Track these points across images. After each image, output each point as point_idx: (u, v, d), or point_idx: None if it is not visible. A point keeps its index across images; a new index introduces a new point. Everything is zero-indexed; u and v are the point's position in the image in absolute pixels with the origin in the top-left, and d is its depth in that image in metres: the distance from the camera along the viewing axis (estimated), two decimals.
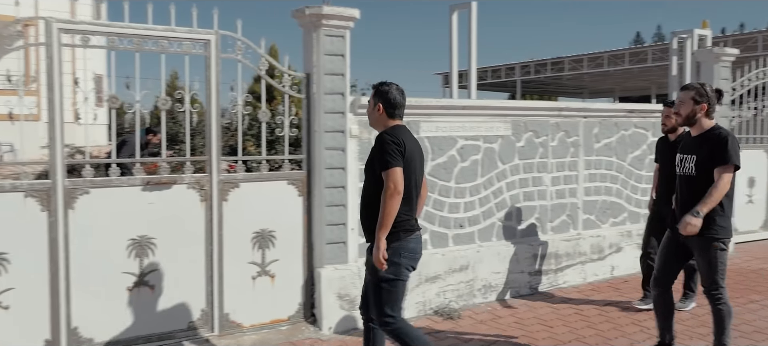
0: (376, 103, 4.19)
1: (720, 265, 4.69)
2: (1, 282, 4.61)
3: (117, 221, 4.97)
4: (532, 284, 7.04)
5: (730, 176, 4.59)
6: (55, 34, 4.72)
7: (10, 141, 7.42)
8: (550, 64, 33.20)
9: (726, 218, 4.67)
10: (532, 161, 7.08)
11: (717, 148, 4.61)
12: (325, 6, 5.63)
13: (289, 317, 5.73)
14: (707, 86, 4.78)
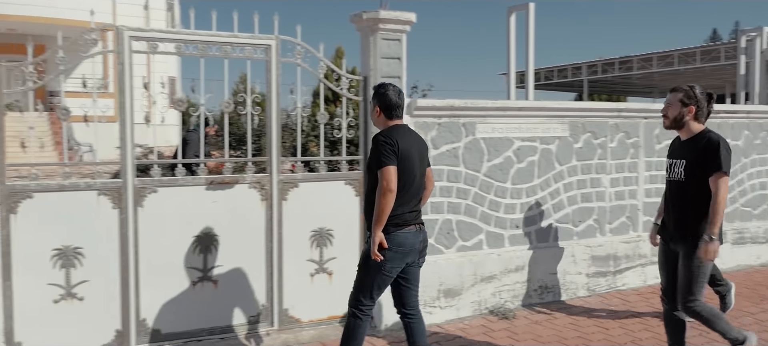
0: (374, 106, 4.45)
1: (701, 276, 4.54)
2: (76, 275, 4.91)
3: (183, 219, 5.22)
4: (590, 286, 7.01)
5: (726, 183, 4.44)
6: (126, 42, 4.99)
7: (89, 142, 7.80)
8: (617, 63, 32.59)
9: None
10: (591, 162, 7.05)
11: (708, 154, 4.46)
12: (382, 10, 5.76)
13: (345, 314, 5.87)
14: (697, 88, 4.62)
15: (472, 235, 6.37)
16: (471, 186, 6.33)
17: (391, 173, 4.11)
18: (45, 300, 4.83)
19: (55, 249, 4.83)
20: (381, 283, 4.38)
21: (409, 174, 4.26)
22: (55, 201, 4.82)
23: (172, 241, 5.20)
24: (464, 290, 6.24)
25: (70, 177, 4.95)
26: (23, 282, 4.75)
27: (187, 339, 5.29)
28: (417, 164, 4.34)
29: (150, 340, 5.17)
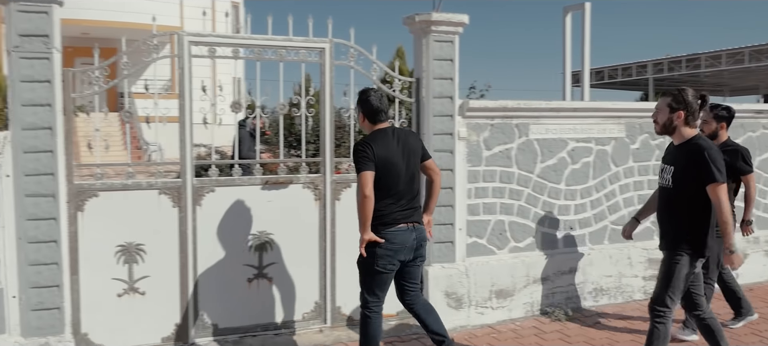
0: (359, 113, 4.70)
1: (676, 281, 4.38)
2: (138, 270, 5.13)
3: (239, 217, 5.38)
4: (647, 290, 6.88)
5: (724, 191, 4.24)
6: (185, 47, 5.18)
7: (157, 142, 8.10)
8: (684, 61, 31.68)
9: (705, 236, 4.37)
10: (648, 163, 6.93)
11: (698, 162, 4.27)
12: (435, 13, 5.81)
13: (397, 313, 5.95)
14: (688, 92, 4.41)
15: (525, 236, 6.36)
16: (524, 187, 6.32)
17: (365, 178, 4.35)
18: (109, 294, 5.06)
19: (118, 245, 5.06)
20: (379, 280, 4.60)
21: (392, 175, 4.47)
22: (118, 200, 5.05)
23: (228, 239, 5.37)
24: (516, 291, 6.23)
25: (133, 177, 5.16)
26: (89, 276, 4.99)
27: (242, 334, 5.46)
28: (401, 164, 4.53)
29: (207, 334, 5.36)
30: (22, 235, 4.68)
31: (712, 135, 5.58)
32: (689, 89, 4.46)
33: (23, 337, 4.73)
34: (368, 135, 4.60)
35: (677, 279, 4.38)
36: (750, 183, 5.54)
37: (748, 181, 5.53)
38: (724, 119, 5.65)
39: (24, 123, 4.64)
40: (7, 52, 4.68)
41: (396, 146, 4.53)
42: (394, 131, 4.64)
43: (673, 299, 4.41)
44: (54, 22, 4.69)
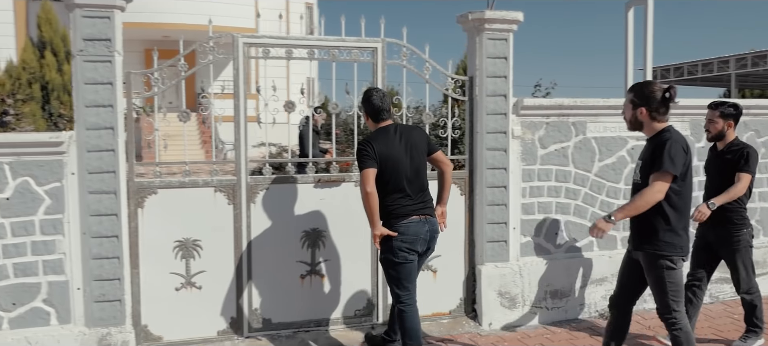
0: (364, 112, 4.88)
1: (669, 285, 4.23)
2: (195, 265, 5.31)
3: (292, 214, 5.49)
4: (713, 293, 6.65)
5: (662, 185, 4.06)
6: (240, 48, 5.32)
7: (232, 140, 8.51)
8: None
9: (673, 233, 4.19)
10: None
11: (656, 152, 4.14)
12: (488, 11, 5.78)
13: (450, 311, 5.96)
14: (652, 86, 4.27)
15: (582, 236, 6.24)
16: (581, 186, 6.21)
17: (366, 176, 4.53)
18: (167, 287, 5.26)
19: (176, 241, 5.25)
20: (404, 272, 4.70)
21: (396, 171, 4.61)
22: (176, 197, 5.24)
23: (282, 236, 5.49)
24: (572, 292, 6.13)
25: (190, 175, 5.34)
26: (149, 270, 5.19)
27: (296, 329, 5.58)
28: (405, 159, 4.66)
29: (261, 328, 5.49)
30: (86, 230, 4.91)
31: (718, 135, 5.24)
32: (652, 83, 4.32)
33: (87, 327, 4.96)
34: (370, 134, 4.79)
35: (671, 283, 4.24)
36: (741, 181, 5.07)
37: (740, 178, 5.07)
38: (732, 117, 5.21)
39: (88, 123, 4.87)
40: (73, 55, 4.92)
41: (398, 143, 4.65)
42: (396, 128, 4.77)
43: (676, 301, 4.27)
44: (116, 27, 4.90)
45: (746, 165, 5.08)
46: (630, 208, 4.17)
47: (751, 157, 5.10)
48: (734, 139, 5.24)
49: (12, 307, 4.81)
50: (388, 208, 4.62)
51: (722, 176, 5.18)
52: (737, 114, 5.24)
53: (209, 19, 5.39)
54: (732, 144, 5.21)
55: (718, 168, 5.23)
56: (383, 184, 4.60)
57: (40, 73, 11.88)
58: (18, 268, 4.80)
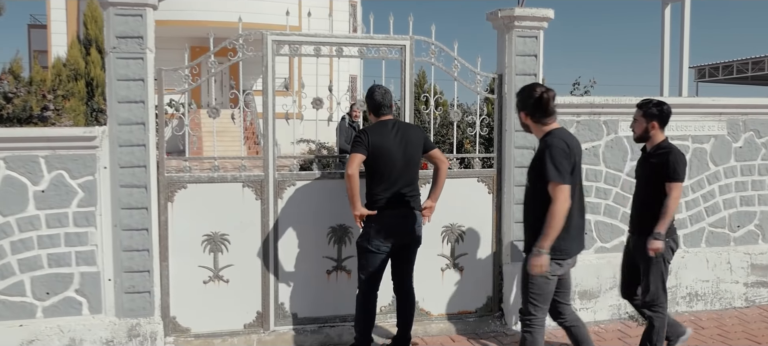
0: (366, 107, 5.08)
1: (532, 287, 4.19)
2: (222, 259, 5.40)
3: (319, 210, 5.54)
4: (749, 296, 6.50)
5: (562, 193, 3.97)
6: (269, 45, 5.39)
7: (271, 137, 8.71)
8: None
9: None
10: (753, 163, 6.52)
11: (541, 159, 4.09)
12: (518, 8, 5.74)
13: (476, 310, 5.94)
14: (530, 90, 4.25)
15: (612, 236, 6.16)
16: (612, 186, 6.12)
17: (351, 159, 4.73)
18: (196, 281, 5.36)
19: (204, 235, 5.35)
20: (371, 260, 4.90)
21: (387, 163, 4.80)
22: (205, 192, 5.33)
23: (309, 231, 5.54)
24: (602, 293, 6.05)
25: (218, 170, 5.43)
26: (177, 263, 5.30)
27: (321, 324, 5.62)
28: (397, 153, 4.84)
29: (287, 323, 5.56)
30: (117, 222, 5.04)
31: (643, 135, 4.91)
32: (530, 87, 4.29)
33: (117, 317, 5.09)
34: (369, 126, 4.98)
35: (534, 285, 4.19)
36: (672, 192, 4.67)
37: (670, 189, 4.67)
38: (655, 117, 4.82)
39: (120, 119, 4.99)
40: (106, 52, 5.05)
41: (393, 137, 4.84)
42: (394, 124, 4.95)
43: (536, 305, 4.22)
44: (148, 24, 5.00)
45: (675, 174, 4.68)
46: (549, 231, 4.00)
47: (678, 164, 4.70)
48: (661, 142, 4.85)
49: (46, 296, 4.96)
50: (373, 196, 4.85)
51: (648, 183, 4.85)
52: (661, 114, 4.83)
53: (239, 17, 5.46)
54: (658, 146, 4.84)
55: (645, 172, 4.89)
56: (372, 173, 4.85)
57: (85, 69, 12.23)
58: (52, 258, 4.95)
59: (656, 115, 4.82)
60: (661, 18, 7.31)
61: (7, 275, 4.88)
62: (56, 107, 7.60)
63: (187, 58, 5.45)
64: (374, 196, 4.86)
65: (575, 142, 4.25)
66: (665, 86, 7.62)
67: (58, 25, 26.34)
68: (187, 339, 5.35)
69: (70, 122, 7.97)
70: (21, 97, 7.32)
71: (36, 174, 4.89)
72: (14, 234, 4.87)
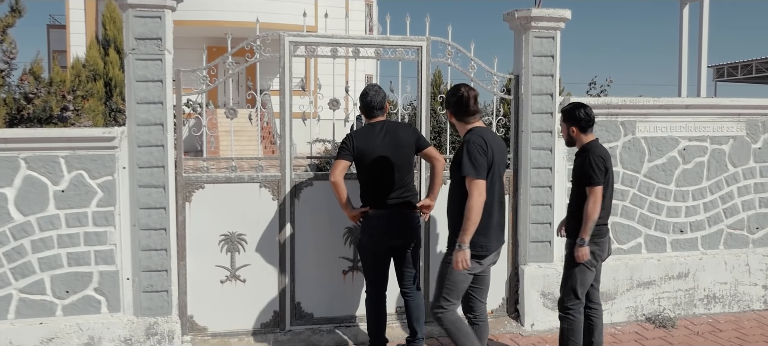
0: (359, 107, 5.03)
1: (448, 282, 4.27)
2: (239, 259, 5.43)
3: (334, 211, 5.54)
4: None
5: (477, 188, 4.05)
6: (286, 46, 5.42)
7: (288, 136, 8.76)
8: None
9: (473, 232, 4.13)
10: None
11: (458, 155, 4.20)
12: (535, 8, 5.73)
13: (492, 311, 5.93)
14: (453, 90, 4.34)
15: (629, 238, 6.13)
16: (629, 187, 6.09)
17: (334, 166, 4.74)
18: (213, 280, 5.40)
19: (222, 235, 5.38)
20: (370, 262, 4.93)
21: (376, 166, 4.75)
22: (222, 191, 5.37)
23: (325, 231, 5.56)
24: (618, 295, 6.02)
25: (236, 170, 5.47)
26: (195, 263, 5.34)
27: (337, 324, 5.65)
28: (386, 154, 4.78)
29: (304, 322, 5.58)
30: (135, 222, 5.08)
31: (569, 140, 4.80)
32: (457, 87, 4.33)
33: (135, 316, 5.14)
34: (356, 130, 4.96)
35: (449, 280, 4.26)
36: (590, 195, 4.51)
37: (589, 193, 4.52)
38: (572, 121, 4.69)
39: (139, 119, 5.04)
40: (125, 53, 5.10)
41: (381, 139, 4.78)
42: (383, 125, 4.89)
43: (448, 299, 4.29)
44: (166, 26, 5.04)
45: (589, 178, 4.53)
46: (467, 226, 4.07)
47: (592, 167, 4.53)
48: (584, 144, 4.70)
49: (65, 295, 5.02)
50: (366, 199, 4.85)
51: (574, 186, 4.76)
52: (577, 119, 4.67)
53: (256, 17, 5.50)
54: (581, 149, 4.72)
55: (573, 176, 4.78)
56: (362, 177, 4.86)
57: (103, 70, 12.35)
58: (71, 257, 5.01)
59: (572, 118, 4.71)
60: (680, 17, 7.27)
61: (28, 273, 4.95)
62: (76, 108, 7.68)
63: (204, 59, 5.50)
64: (367, 199, 4.85)
65: (497, 141, 4.34)
66: (683, 86, 7.59)
67: (76, 26, 26.57)
68: (204, 338, 5.39)
69: (89, 122, 8.05)
70: (41, 97, 7.42)
71: (56, 174, 4.94)
72: (35, 233, 4.93)
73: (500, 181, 4.36)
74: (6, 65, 7.44)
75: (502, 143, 4.41)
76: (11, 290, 4.94)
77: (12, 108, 7.41)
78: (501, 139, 4.45)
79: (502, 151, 4.36)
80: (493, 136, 4.37)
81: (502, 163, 4.38)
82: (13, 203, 4.88)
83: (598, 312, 4.87)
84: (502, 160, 4.38)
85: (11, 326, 4.92)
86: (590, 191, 4.52)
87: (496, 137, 4.39)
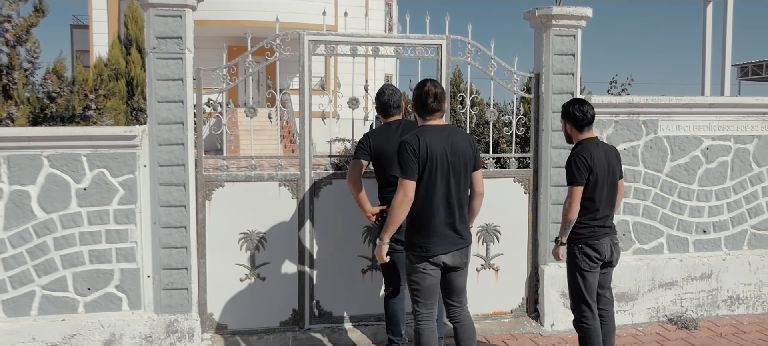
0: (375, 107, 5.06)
1: (411, 283, 4.21)
2: (259, 257, 5.45)
3: (353, 210, 5.52)
4: None
5: (401, 187, 4.01)
6: (306, 45, 5.42)
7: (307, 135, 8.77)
8: None
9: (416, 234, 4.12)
10: None
11: None
12: (556, 6, 5.69)
13: (511, 311, 5.90)
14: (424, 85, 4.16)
15: (651, 238, 6.07)
16: (651, 187, 6.03)
17: (351, 165, 4.84)
18: (232, 278, 5.42)
19: (241, 233, 5.40)
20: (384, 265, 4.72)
21: (389, 164, 4.49)
22: (242, 190, 5.39)
23: (344, 230, 5.56)
24: (640, 295, 5.96)
25: (255, 169, 5.48)
26: (215, 261, 5.37)
27: (356, 323, 5.65)
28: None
29: (322, 321, 5.59)
30: (156, 220, 5.12)
31: (567, 136, 4.72)
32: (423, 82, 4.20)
33: (155, 313, 5.18)
34: (373, 129, 5.00)
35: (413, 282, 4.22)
36: (567, 197, 4.48)
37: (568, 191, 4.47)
38: (567, 117, 4.61)
39: (160, 118, 5.07)
40: (146, 52, 5.14)
41: (398, 138, 4.54)
42: (399, 124, 4.90)
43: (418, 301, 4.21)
44: (187, 25, 5.07)
45: (569, 176, 4.47)
46: (388, 223, 4.11)
47: (571, 166, 4.46)
48: (579, 142, 4.60)
49: (87, 292, 5.07)
50: (384, 199, 4.84)
51: None
52: (571, 115, 4.57)
53: (276, 17, 5.51)
54: (573, 146, 4.64)
55: None
56: (379, 176, 4.89)
57: (125, 69, 12.46)
58: (93, 255, 5.05)
59: (567, 115, 4.63)
60: (703, 15, 7.18)
61: (51, 270, 5.00)
62: (98, 106, 7.75)
63: (224, 57, 5.52)
64: (384, 199, 4.84)
65: (440, 140, 4.08)
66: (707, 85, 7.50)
67: (99, 26, 26.85)
68: (224, 336, 5.41)
69: (111, 121, 8.12)
70: (64, 96, 7.49)
71: (78, 172, 4.99)
72: (57, 231, 4.98)
73: (457, 180, 4.12)
74: (30, 64, 7.51)
75: (462, 143, 4.16)
76: (34, 287, 4.99)
77: (35, 107, 7.48)
78: (465, 138, 4.22)
79: (457, 151, 4.11)
80: (439, 135, 4.10)
81: (461, 163, 4.12)
82: (37, 200, 4.94)
83: (606, 319, 4.67)
84: (461, 160, 4.12)
85: (34, 322, 4.98)
86: (568, 189, 4.46)
87: (441, 137, 4.10)
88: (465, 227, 4.24)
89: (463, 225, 4.21)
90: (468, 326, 4.37)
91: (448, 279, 4.29)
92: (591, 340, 4.53)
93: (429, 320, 4.25)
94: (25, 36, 7.45)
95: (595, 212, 4.46)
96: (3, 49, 7.41)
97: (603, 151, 4.53)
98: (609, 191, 4.53)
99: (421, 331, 4.24)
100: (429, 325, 4.25)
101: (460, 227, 4.18)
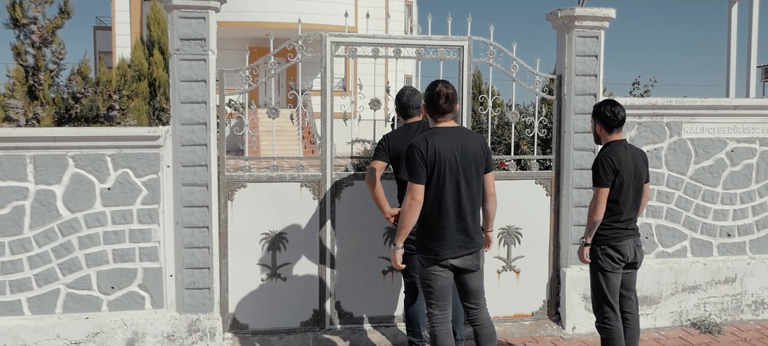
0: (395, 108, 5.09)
1: (424, 286, 4.24)
2: (280, 257, 5.47)
3: (374, 211, 5.51)
4: None
5: (410, 191, 4.01)
6: (328, 46, 5.44)
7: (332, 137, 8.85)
8: None
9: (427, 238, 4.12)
10: None
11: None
12: (578, 7, 5.65)
13: (532, 313, 5.87)
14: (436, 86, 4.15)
15: (674, 241, 6.01)
16: (674, 189, 5.97)
17: (370, 167, 4.84)
18: (254, 278, 5.45)
19: (263, 233, 5.43)
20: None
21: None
22: (264, 191, 5.41)
23: (365, 231, 5.57)
24: (662, 299, 5.91)
25: (277, 169, 5.51)
26: (236, 261, 5.40)
27: (377, 324, 5.65)
28: None
29: (343, 322, 5.60)
30: (178, 220, 5.16)
31: (596, 136, 4.64)
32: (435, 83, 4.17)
33: (178, 312, 5.22)
34: (393, 131, 5.03)
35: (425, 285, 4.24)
36: (592, 198, 4.47)
37: (593, 194, 4.48)
38: (597, 117, 4.53)
39: (182, 119, 5.11)
40: (170, 54, 5.18)
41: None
42: (419, 125, 4.93)
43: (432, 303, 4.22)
44: (210, 27, 5.10)
45: (596, 177, 4.44)
46: (400, 226, 4.11)
47: (597, 168, 4.43)
48: (607, 143, 4.54)
49: (111, 290, 5.12)
50: (401, 198, 4.80)
51: None
52: (602, 116, 4.50)
53: (298, 18, 5.53)
54: (601, 147, 4.58)
55: None
56: (398, 176, 4.86)
57: (148, 70, 12.58)
58: (117, 254, 5.10)
59: (598, 115, 4.55)
60: (728, 16, 7.11)
61: (75, 269, 5.05)
62: (121, 107, 7.84)
63: (247, 59, 5.55)
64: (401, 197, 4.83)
65: (450, 143, 4.05)
66: (732, 86, 7.42)
67: (122, 27, 27.15)
68: (245, 335, 5.44)
69: (134, 122, 8.21)
70: (89, 97, 7.59)
71: (103, 172, 5.04)
72: (82, 230, 5.04)
73: (468, 183, 4.08)
74: (55, 66, 7.62)
75: (473, 145, 4.13)
76: (59, 285, 5.05)
77: (60, 107, 7.59)
78: (476, 140, 4.18)
79: (468, 153, 4.07)
80: (448, 138, 4.06)
81: (472, 165, 4.09)
82: (62, 200, 5.00)
83: (631, 322, 4.66)
84: (471, 163, 4.08)
85: (59, 320, 5.04)
86: (594, 191, 4.44)
87: (450, 139, 4.06)
88: (477, 230, 4.21)
89: (475, 228, 4.18)
90: (487, 328, 4.35)
91: (462, 282, 4.28)
92: (613, 341, 4.50)
93: (443, 321, 4.24)
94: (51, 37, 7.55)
95: (619, 215, 4.43)
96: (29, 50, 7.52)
97: (630, 153, 4.49)
98: (634, 194, 4.50)
99: (436, 332, 4.24)
100: (443, 326, 4.24)
101: (472, 229, 4.15)
